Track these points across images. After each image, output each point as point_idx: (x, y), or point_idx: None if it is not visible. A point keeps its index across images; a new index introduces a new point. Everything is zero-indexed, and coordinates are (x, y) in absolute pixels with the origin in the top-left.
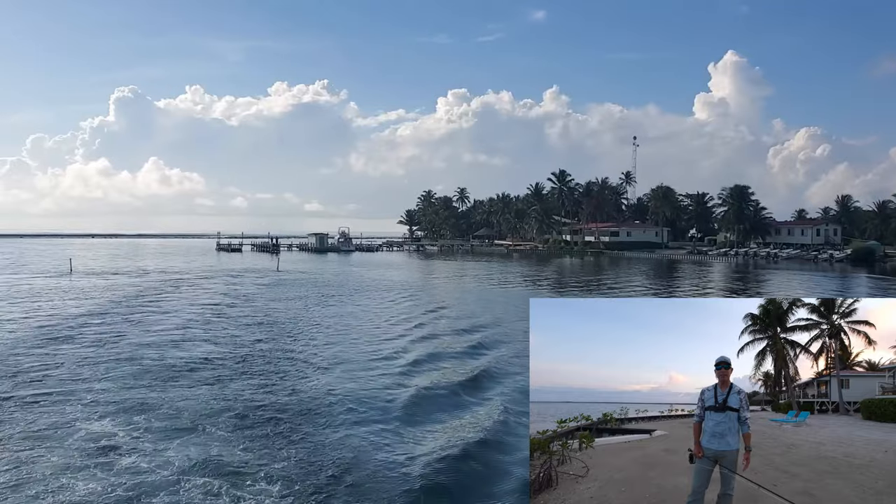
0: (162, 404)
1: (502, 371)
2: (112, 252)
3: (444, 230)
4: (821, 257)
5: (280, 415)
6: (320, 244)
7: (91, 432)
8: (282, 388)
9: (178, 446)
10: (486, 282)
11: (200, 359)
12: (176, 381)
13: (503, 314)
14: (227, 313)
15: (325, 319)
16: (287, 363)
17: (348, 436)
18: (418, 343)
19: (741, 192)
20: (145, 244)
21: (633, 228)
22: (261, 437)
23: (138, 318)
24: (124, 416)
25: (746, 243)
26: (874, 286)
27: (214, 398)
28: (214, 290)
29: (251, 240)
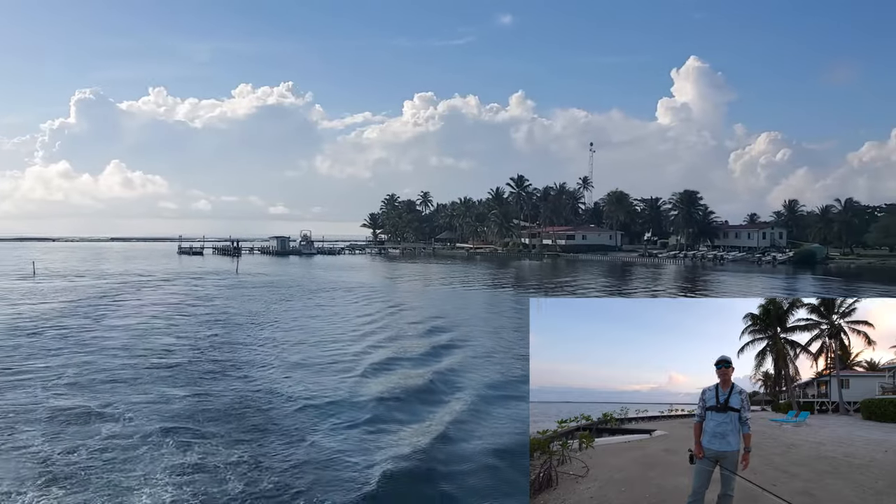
0: (110, 405)
1: (474, 367)
2: (74, 255)
3: (408, 233)
4: (764, 260)
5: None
6: (282, 247)
7: (31, 439)
8: (235, 387)
9: (122, 448)
10: (452, 283)
11: (154, 361)
12: (128, 382)
13: (469, 313)
14: (184, 315)
15: (283, 321)
16: (241, 364)
17: (327, 437)
18: (392, 343)
19: (690, 196)
20: (108, 247)
21: (588, 232)
22: (222, 441)
23: (95, 320)
24: (78, 419)
25: (696, 246)
26: (819, 286)
27: (164, 400)
28: (174, 292)
29: (213, 243)
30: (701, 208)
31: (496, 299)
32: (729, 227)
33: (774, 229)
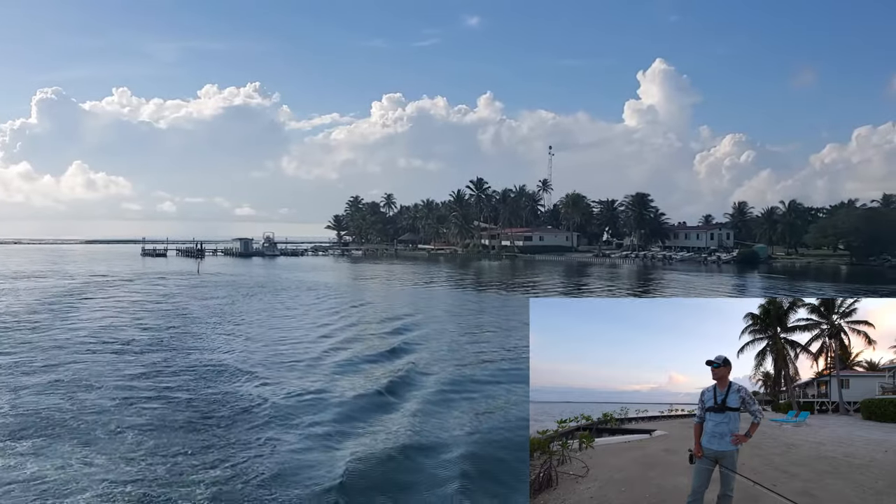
0: (68, 409)
1: (474, 367)
2: (36, 257)
3: (372, 235)
4: (710, 259)
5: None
6: (245, 249)
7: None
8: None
9: (84, 451)
10: (413, 282)
11: (112, 360)
12: (87, 384)
13: (430, 311)
14: (145, 314)
15: (243, 318)
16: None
17: (306, 438)
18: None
19: (641, 199)
20: (70, 249)
21: (545, 233)
22: (189, 440)
23: (57, 319)
24: (35, 421)
25: (648, 246)
26: (764, 283)
27: (123, 401)
28: (136, 291)
29: (176, 245)
30: (652, 210)
31: (481, 298)
32: (679, 228)
33: (722, 230)
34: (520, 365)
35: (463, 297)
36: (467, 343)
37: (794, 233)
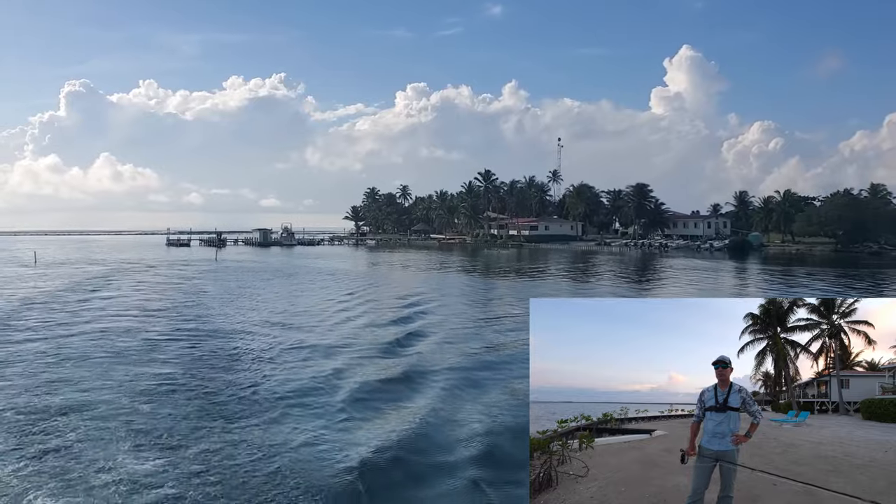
0: (79, 381)
1: (473, 367)
2: (66, 248)
3: (387, 225)
4: (703, 247)
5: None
6: (264, 238)
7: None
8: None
9: (99, 433)
10: (415, 268)
11: (118, 344)
12: (100, 361)
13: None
14: (166, 298)
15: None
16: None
17: (320, 427)
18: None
19: (641, 189)
20: (98, 241)
21: (551, 223)
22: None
23: (81, 305)
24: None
25: (649, 235)
26: (740, 265)
27: (133, 381)
28: (161, 275)
29: (199, 235)
30: (652, 200)
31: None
32: (678, 216)
33: (719, 219)
34: (520, 365)
35: (467, 282)
36: (468, 344)
37: (787, 221)
